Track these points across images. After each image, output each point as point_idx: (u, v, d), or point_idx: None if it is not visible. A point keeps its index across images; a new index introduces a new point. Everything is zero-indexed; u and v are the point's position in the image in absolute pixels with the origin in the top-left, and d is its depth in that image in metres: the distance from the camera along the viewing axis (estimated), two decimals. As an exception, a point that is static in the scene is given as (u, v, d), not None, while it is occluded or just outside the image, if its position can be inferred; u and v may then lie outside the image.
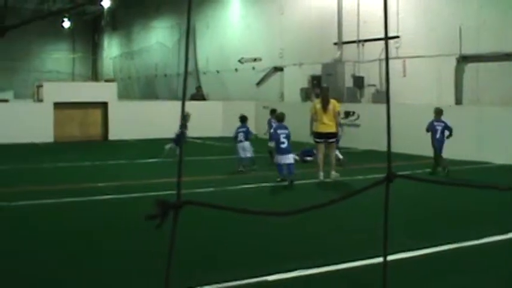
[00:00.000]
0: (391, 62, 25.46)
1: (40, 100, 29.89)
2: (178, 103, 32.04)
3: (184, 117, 22.15)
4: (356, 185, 16.10)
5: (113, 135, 29.51)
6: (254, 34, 35.08)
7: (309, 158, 20.52)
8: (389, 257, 1.92)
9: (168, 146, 20.74)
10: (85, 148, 25.66)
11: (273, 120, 19.05)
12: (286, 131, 16.42)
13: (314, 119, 16.92)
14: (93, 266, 8.59)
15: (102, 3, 48.16)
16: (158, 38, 47.28)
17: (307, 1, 30.67)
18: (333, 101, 17.03)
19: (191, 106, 30.77)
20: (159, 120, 28.87)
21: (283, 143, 16.12)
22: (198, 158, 21.01)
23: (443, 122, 17.81)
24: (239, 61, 35.21)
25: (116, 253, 9.29)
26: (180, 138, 22.27)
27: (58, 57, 59.07)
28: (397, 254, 8.56)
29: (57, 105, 28.78)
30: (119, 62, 55.40)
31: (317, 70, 28.91)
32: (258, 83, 34.20)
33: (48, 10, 51.11)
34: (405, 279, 7.95)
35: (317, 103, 16.99)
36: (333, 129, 16.71)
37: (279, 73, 32.92)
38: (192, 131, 22.80)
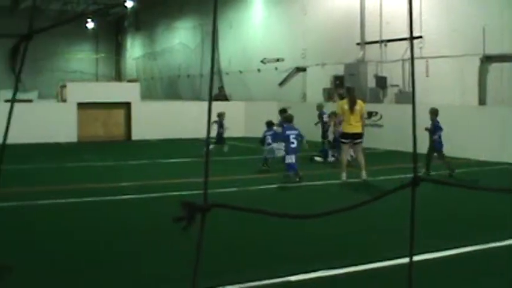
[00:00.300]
0: (414, 61, 25.33)
1: (64, 100, 30.07)
2: (201, 103, 32.17)
3: (219, 117, 22.54)
4: (380, 185, 16.08)
5: (135, 135, 29.63)
6: (277, 34, 35.07)
7: (332, 159, 20.59)
8: (414, 258, 1.94)
9: (212, 147, 21.27)
10: (108, 148, 25.78)
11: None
12: (296, 132, 16.64)
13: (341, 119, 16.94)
14: (115, 267, 8.64)
15: (126, 4, 48.34)
16: (181, 39, 47.38)
17: (330, 1, 30.62)
18: (359, 102, 17.02)
19: (214, 106, 30.78)
20: (182, 120, 28.97)
21: (292, 143, 16.32)
22: (221, 158, 21.05)
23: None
24: (262, 61, 35.20)
25: (138, 253, 9.34)
26: (221, 138, 22.77)
27: (82, 57, 59.40)
28: (422, 255, 8.52)
29: (81, 105, 28.95)
30: (142, 62, 55.58)
31: (340, 70, 28.85)
32: (281, 84, 34.18)
33: (73, 11, 51.43)
34: (430, 280, 7.92)
35: (344, 103, 16.91)
36: (359, 130, 16.69)
37: (301, 73, 32.88)
38: (215, 132, 22.87)
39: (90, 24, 57.82)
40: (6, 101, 36.98)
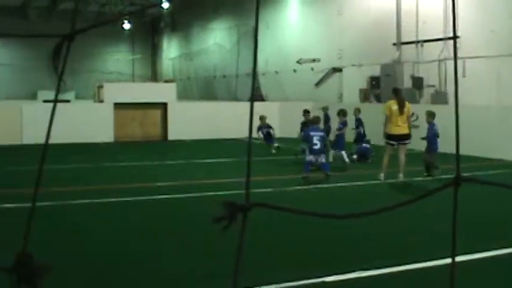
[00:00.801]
0: (450, 62, 25.19)
1: (101, 100, 30.33)
2: (237, 104, 32.22)
3: (261, 119, 22.69)
4: (418, 186, 16.01)
5: (172, 135, 29.78)
6: (313, 35, 35.03)
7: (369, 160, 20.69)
8: (456, 258, 1.94)
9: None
10: (144, 148, 25.94)
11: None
12: (320, 133, 16.94)
13: (388, 120, 16.88)
14: (153, 267, 8.69)
15: (162, 5, 48.59)
16: (217, 39, 47.51)
17: (366, 2, 30.52)
18: (407, 104, 17.05)
19: (249, 107, 30.83)
20: (217, 120, 29.08)
21: (315, 144, 16.52)
22: (256, 159, 21.08)
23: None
24: (298, 62, 35.17)
25: (174, 253, 9.39)
26: (271, 137, 22.95)
27: (118, 58, 59.84)
28: (463, 256, 8.45)
29: (118, 106, 29.18)
30: (178, 62, 55.83)
31: (376, 71, 28.76)
32: (317, 84, 34.14)
33: (110, 12, 51.82)
34: (472, 280, 7.85)
35: (392, 104, 16.85)
36: (407, 131, 16.73)
37: (337, 74, 32.80)
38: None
39: (127, 25, 58.21)
40: (45, 101, 37.41)
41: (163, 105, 30.39)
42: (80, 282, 7.94)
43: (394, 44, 28.49)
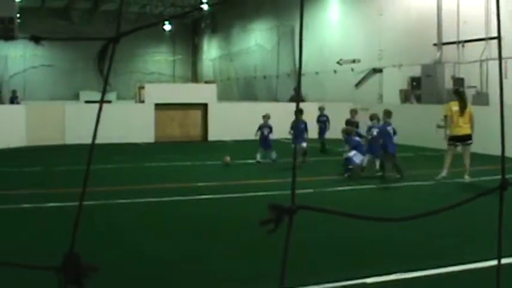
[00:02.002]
0: (492, 63, 24.93)
1: (142, 101, 30.56)
2: (278, 104, 32.26)
3: (264, 117, 22.58)
4: (466, 187, 15.86)
5: (212, 136, 29.88)
6: (353, 35, 34.91)
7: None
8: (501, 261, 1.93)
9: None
10: (185, 148, 26.07)
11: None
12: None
13: (449, 121, 16.84)
14: (195, 267, 8.73)
15: (202, 6, 48.80)
16: (257, 40, 47.55)
17: (406, 2, 30.34)
18: (469, 105, 17.06)
19: (289, 107, 30.84)
20: (258, 121, 29.07)
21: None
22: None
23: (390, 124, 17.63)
24: (338, 63, 35.09)
25: (217, 254, 9.43)
26: (268, 143, 22.76)
27: (159, 59, 60.19)
28: (508, 258, 8.36)
29: (158, 106, 29.37)
30: (218, 63, 55.98)
31: (416, 71, 28.56)
32: (357, 85, 34.02)
33: (150, 13, 52.18)
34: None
35: (453, 105, 16.87)
36: (469, 131, 16.71)
37: (377, 74, 32.64)
38: (287, 133, 22.88)
39: (167, 27, 58.50)
40: (87, 101, 37.77)
41: (204, 106, 30.52)
42: (120, 282, 8.00)
43: (435, 44, 28.26)
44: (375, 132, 17.80)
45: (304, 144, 19.71)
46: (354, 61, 34.12)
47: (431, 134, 22.18)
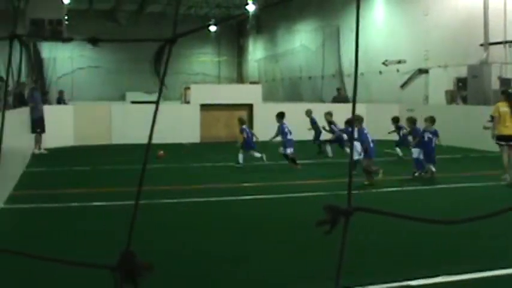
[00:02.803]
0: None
1: (187, 102, 30.71)
2: (323, 105, 32.14)
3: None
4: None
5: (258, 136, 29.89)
6: (398, 36, 34.69)
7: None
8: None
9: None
10: (230, 149, 26.11)
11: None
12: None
13: (497, 121, 16.73)
14: (240, 267, 8.75)
15: (247, 7, 48.91)
16: (302, 41, 47.49)
17: (453, 2, 30.05)
18: None
19: (332, 108, 30.75)
20: (303, 121, 29.04)
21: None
22: (342, 161, 20.99)
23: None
24: (383, 63, 34.89)
25: (262, 254, 9.44)
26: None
27: (204, 60, 60.43)
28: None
29: (204, 107, 29.51)
30: (263, 64, 56.03)
31: (462, 72, 28.26)
32: (402, 86, 33.79)
33: (195, 14, 52.42)
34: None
35: (501, 106, 16.75)
36: None
37: (423, 75, 32.38)
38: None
39: (212, 28, 58.71)
40: (133, 102, 38.06)
41: (249, 107, 30.57)
42: (165, 281, 8.05)
43: (482, 45, 27.95)
44: (427, 136, 17.61)
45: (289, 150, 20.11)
46: (399, 62, 33.89)
47: (478, 136, 21.96)
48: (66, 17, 34.66)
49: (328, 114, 23.88)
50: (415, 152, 17.82)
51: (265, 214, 12.59)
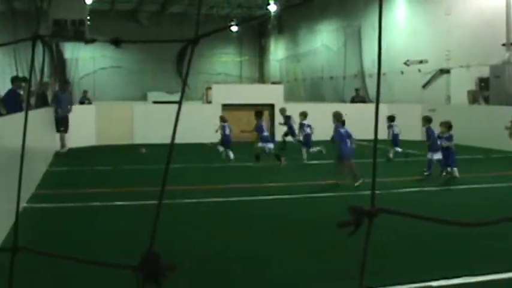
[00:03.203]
0: None
1: (209, 102, 30.77)
2: (345, 105, 32.10)
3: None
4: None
5: (279, 136, 29.89)
6: (420, 36, 34.53)
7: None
8: None
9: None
10: (251, 149, 26.11)
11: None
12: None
13: None
14: (262, 266, 8.76)
15: (269, 7, 48.89)
16: (323, 41, 47.43)
17: (475, 1, 29.86)
18: None
19: (352, 108, 30.70)
20: (324, 122, 28.97)
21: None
22: (362, 161, 20.90)
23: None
24: (405, 63, 34.76)
25: (284, 254, 9.43)
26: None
27: (226, 60, 60.48)
28: None
29: (225, 107, 29.53)
30: (285, 64, 56.01)
31: (485, 72, 28.08)
32: (424, 86, 33.64)
33: (217, 15, 52.46)
34: None
35: None
36: None
37: (445, 75, 32.22)
38: (354, 134, 22.73)
39: (234, 28, 58.76)
40: (155, 102, 38.16)
41: (271, 107, 30.58)
42: (184, 282, 8.07)
43: (504, 45, 27.75)
44: (442, 142, 17.51)
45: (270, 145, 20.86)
46: (421, 62, 33.75)
47: (500, 136, 21.85)
48: (88, 18, 34.80)
49: (302, 115, 23.97)
50: (429, 153, 17.82)
51: (286, 214, 12.58)
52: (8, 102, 18.77)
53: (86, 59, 51.86)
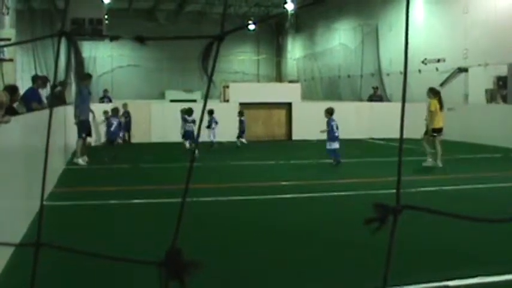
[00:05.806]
0: None
1: (226, 100, 30.80)
2: (361, 104, 32.07)
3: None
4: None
5: (296, 135, 29.90)
6: (437, 34, 34.40)
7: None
8: None
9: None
10: (269, 147, 26.16)
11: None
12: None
13: None
14: (278, 264, 8.76)
15: (286, 6, 48.87)
16: (341, 40, 47.36)
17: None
18: None
19: (369, 107, 30.63)
20: (342, 121, 28.97)
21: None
22: (382, 160, 20.88)
23: None
24: (422, 62, 34.64)
25: (298, 252, 9.43)
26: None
27: (243, 58, 60.49)
28: None
29: (243, 105, 29.54)
30: (302, 63, 55.96)
31: (503, 71, 27.94)
32: (442, 84, 33.50)
33: (234, 13, 52.50)
34: None
35: None
36: None
37: (463, 74, 32.09)
38: (371, 132, 22.77)
39: (251, 26, 58.72)
40: (172, 100, 38.20)
41: (288, 105, 30.58)
42: (208, 281, 8.07)
43: (522, 43, 27.66)
44: None
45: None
46: (438, 60, 33.64)
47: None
48: (106, 16, 34.94)
49: (239, 113, 26.06)
50: (327, 143, 18.79)
51: (302, 212, 12.58)
52: (27, 101, 18.78)
53: (103, 58, 52.09)
